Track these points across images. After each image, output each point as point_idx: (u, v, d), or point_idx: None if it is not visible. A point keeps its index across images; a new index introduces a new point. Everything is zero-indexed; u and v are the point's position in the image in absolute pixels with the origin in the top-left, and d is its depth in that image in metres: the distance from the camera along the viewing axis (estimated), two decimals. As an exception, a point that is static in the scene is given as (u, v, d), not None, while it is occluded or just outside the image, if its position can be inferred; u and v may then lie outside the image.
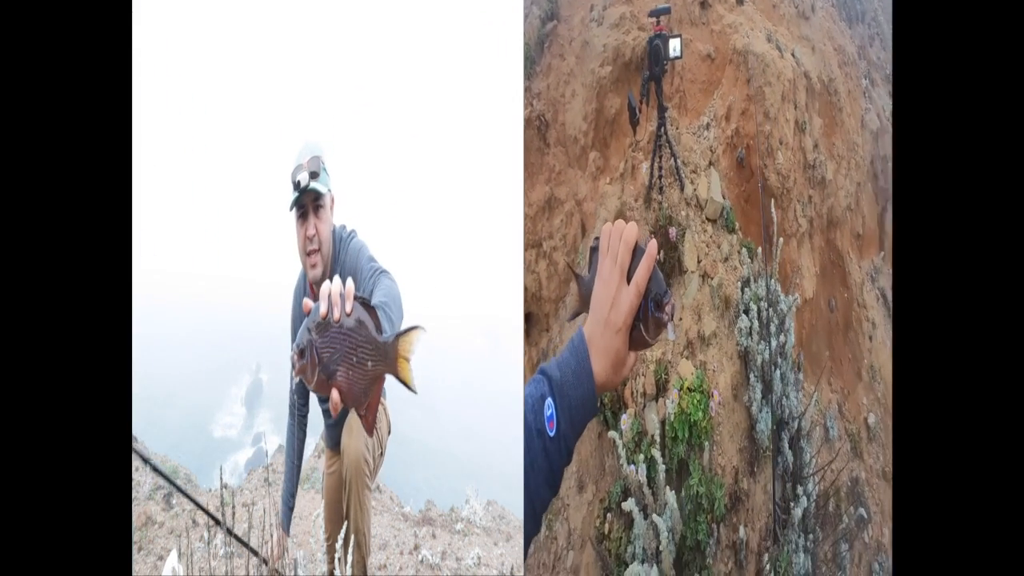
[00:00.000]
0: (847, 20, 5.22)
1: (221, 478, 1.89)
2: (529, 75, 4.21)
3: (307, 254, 1.73)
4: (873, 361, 4.16)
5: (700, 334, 3.06)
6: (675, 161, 3.32)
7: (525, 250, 4.00)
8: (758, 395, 2.97)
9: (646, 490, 2.58)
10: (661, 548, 2.45)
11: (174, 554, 2.18)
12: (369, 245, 1.83)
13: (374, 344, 0.90)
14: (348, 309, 0.87)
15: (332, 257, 1.76)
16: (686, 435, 2.69)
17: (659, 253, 0.82)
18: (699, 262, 3.22)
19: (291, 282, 1.96)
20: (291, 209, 1.73)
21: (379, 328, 0.91)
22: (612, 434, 2.70)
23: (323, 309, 0.87)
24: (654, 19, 3.07)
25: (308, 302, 0.90)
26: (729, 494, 2.71)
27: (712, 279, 3.18)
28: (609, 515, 2.77)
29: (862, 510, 3.27)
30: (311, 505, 6.33)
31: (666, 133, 3.26)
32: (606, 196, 3.70)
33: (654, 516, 2.49)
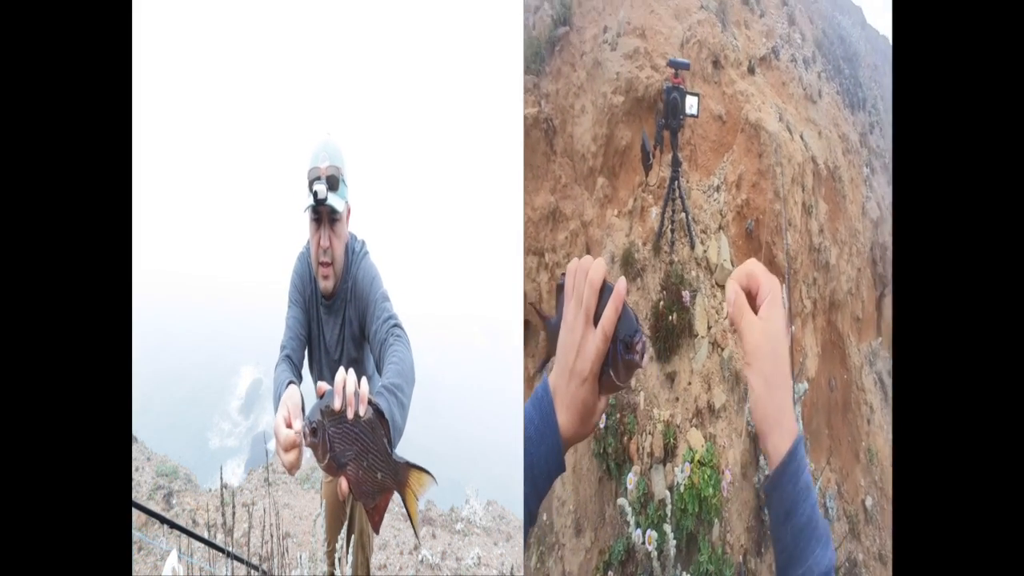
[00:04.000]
0: (850, 107, 5.33)
1: (222, 478, 1.89)
2: (538, 72, 4.14)
3: (320, 264, 1.74)
4: (871, 444, 4.21)
5: (710, 404, 3.06)
6: (687, 217, 3.35)
7: (526, 255, 3.96)
8: (768, 479, 3.01)
9: (655, 564, 2.58)
10: None
11: (174, 554, 2.18)
12: (371, 244, 1.83)
13: (385, 456, 0.95)
14: (362, 412, 0.92)
15: (343, 269, 1.78)
16: (696, 510, 2.68)
17: (627, 294, 0.77)
18: (709, 328, 3.22)
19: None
20: (305, 212, 1.73)
21: (388, 437, 0.96)
22: (621, 502, 2.69)
23: (337, 404, 0.92)
24: (673, 70, 2.99)
25: (323, 385, 0.95)
26: (737, 573, 2.71)
27: (723, 350, 3.18)
28: (610, 572, 2.78)
29: (860, 593, 3.29)
30: (311, 505, 6.33)
31: (679, 188, 3.26)
32: (613, 228, 3.69)
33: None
